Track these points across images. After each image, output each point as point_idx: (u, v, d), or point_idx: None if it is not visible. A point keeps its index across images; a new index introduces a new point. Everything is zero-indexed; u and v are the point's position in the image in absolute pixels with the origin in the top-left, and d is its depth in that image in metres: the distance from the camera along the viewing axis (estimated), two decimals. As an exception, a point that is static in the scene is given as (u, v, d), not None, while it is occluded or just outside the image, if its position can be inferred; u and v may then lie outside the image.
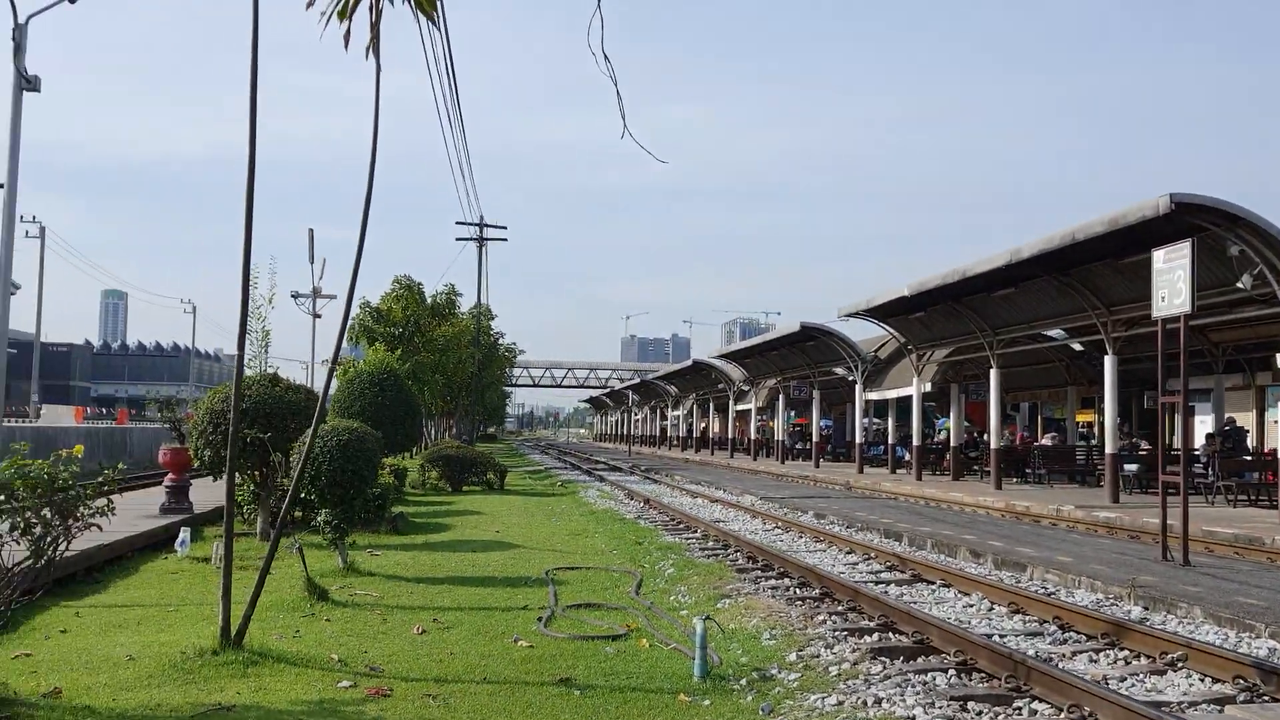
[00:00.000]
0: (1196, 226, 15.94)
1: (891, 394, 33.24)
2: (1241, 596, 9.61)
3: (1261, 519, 16.98)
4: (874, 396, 34.57)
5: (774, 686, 6.68)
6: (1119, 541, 14.74)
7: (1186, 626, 8.75)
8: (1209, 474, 20.85)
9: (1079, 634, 8.46)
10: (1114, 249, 18.81)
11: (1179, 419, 24.18)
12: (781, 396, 42.50)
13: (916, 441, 29.65)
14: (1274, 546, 14.00)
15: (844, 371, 34.99)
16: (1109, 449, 21.52)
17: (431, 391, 41.70)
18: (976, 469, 29.82)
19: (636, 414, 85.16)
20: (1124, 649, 7.87)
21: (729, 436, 51.83)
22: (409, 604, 9.53)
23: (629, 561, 12.60)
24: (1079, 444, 29.51)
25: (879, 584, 10.97)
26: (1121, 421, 24.94)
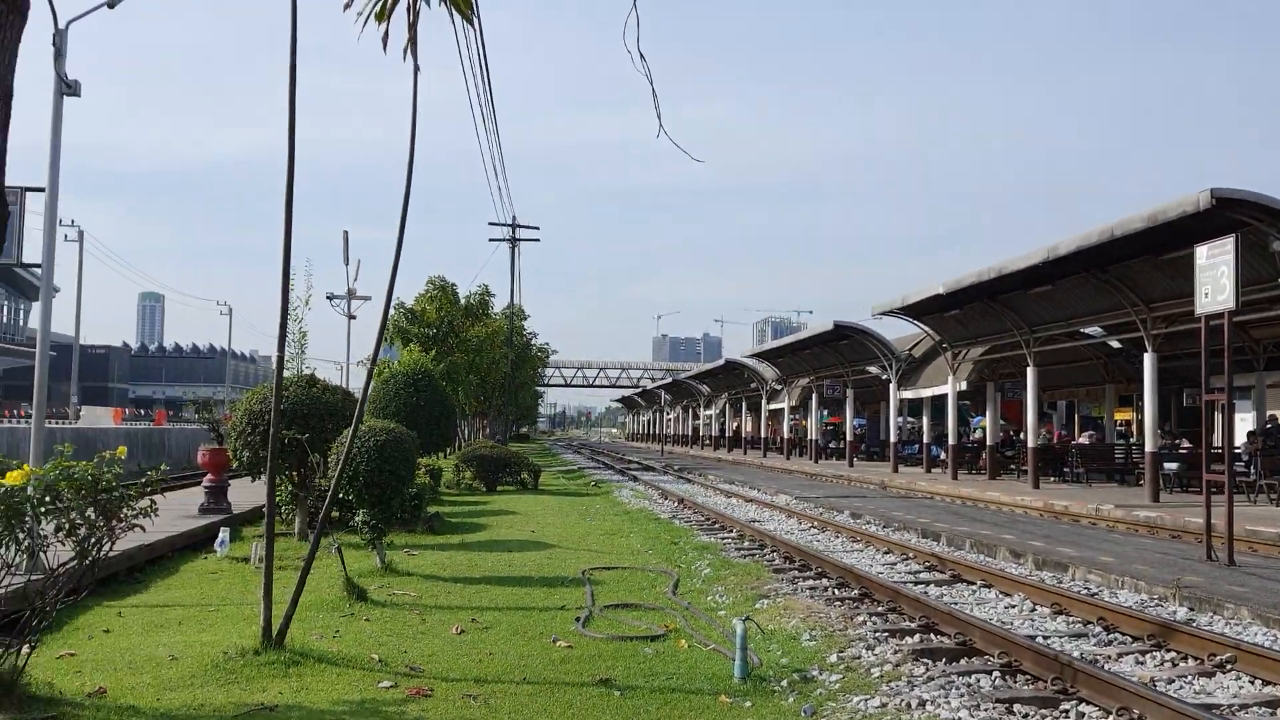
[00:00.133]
0: (1237, 222, 15.72)
1: (926, 392, 33.03)
2: (1290, 597, 9.45)
3: (1307, 518, 16.70)
4: (908, 395, 34.37)
5: (816, 688, 6.63)
6: (1161, 541, 14.54)
7: (1234, 628, 8.61)
8: (1251, 472, 20.55)
9: (1124, 635, 8.35)
10: (1153, 245, 18.60)
11: (1220, 417, 23.87)
12: (815, 395, 42.31)
13: (952, 440, 29.44)
14: (1321, 546, 13.77)
15: (878, 370, 34.80)
16: (1149, 447, 21.26)
17: (465, 392, 41.85)
18: (1013, 468, 29.58)
19: (669, 413, 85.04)
20: (1171, 650, 7.75)
21: (762, 436, 51.67)
22: (447, 604, 9.55)
23: (665, 561, 12.57)
24: (1118, 442, 29.19)
25: (918, 584, 10.88)
26: (1162, 420, 24.60)
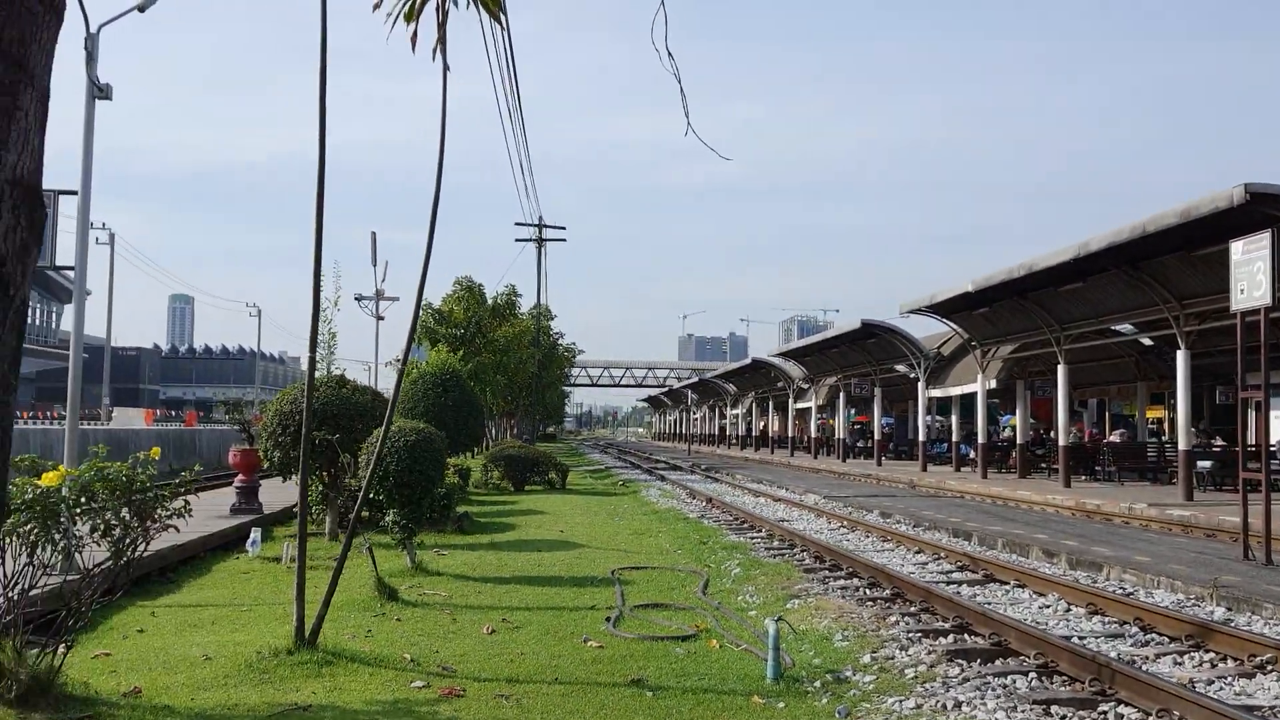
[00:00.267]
0: (1271, 217, 15.48)
1: (955, 391, 32.80)
2: (1330, 597, 9.31)
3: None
4: (937, 394, 34.15)
5: (849, 689, 6.58)
6: (1195, 540, 14.37)
7: (1274, 628, 8.49)
8: (1286, 470, 20.26)
9: (1161, 636, 8.24)
10: (1186, 241, 18.39)
11: (1254, 415, 23.57)
12: (842, 394, 42.12)
13: (982, 439, 29.24)
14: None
15: (906, 369, 34.63)
16: (1182, 445, 21.01)
17: (493, 392, 41.99)
18: (1044, 467, 29.34)
19: (695, 413, 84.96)
20: (1209, 651, 7.65)
21: (789, 435, 51.54)
22: (477, 604, 9.56)
23: (694, 561, 12.53)
24: (1150, 440, 28.89)
25: (951, 584, 10.79)
26: (1195, 418, 24.32)
